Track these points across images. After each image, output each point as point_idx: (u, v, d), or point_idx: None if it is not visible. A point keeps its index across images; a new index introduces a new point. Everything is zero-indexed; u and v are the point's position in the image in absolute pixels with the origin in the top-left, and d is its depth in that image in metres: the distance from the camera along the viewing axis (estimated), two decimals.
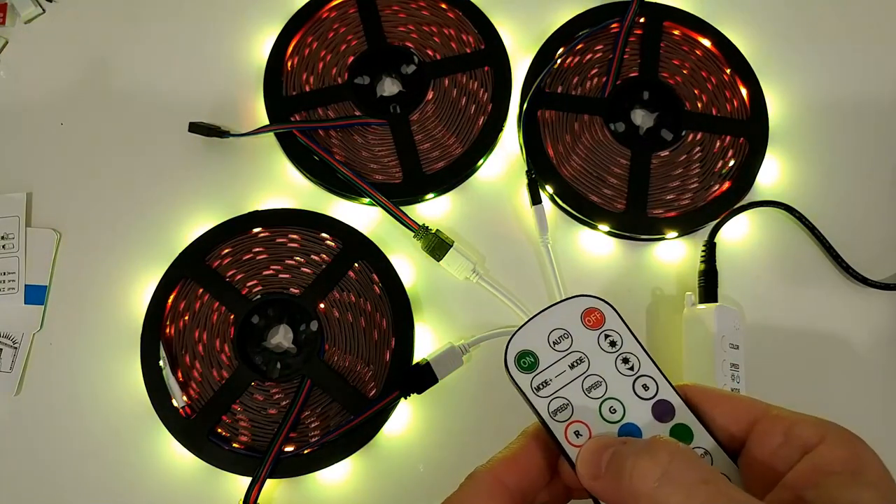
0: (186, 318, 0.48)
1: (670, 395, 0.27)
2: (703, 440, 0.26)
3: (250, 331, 0.48)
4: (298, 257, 0.49)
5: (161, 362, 0.46)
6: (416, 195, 0.51)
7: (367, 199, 0.51)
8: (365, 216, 0.51)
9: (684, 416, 0.26)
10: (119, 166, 0.53)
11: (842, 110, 0.54)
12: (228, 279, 0.48)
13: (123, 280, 0.50)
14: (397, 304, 0.47)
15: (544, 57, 0.53)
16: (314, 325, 0.48)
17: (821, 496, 0.22)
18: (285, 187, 0.52)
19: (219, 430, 0.46)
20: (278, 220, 0.50)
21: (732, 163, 0.51)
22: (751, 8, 0.56)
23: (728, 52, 0.53)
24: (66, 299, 0.50)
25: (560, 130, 0.52)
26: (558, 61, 0.53)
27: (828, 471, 0.22)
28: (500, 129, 0.52)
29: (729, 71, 0.53)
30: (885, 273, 0.50)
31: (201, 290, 0.48)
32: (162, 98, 0.54)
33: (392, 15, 0.54)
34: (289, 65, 0.53)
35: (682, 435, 0.26)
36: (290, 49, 0.54)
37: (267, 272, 0.48)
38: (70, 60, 0.55)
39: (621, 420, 0.27)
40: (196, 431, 0.45)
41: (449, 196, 0.52)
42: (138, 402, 0.46)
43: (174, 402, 0.46)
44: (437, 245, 0.48)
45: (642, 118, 0.54)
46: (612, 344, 0.28)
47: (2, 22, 0.56)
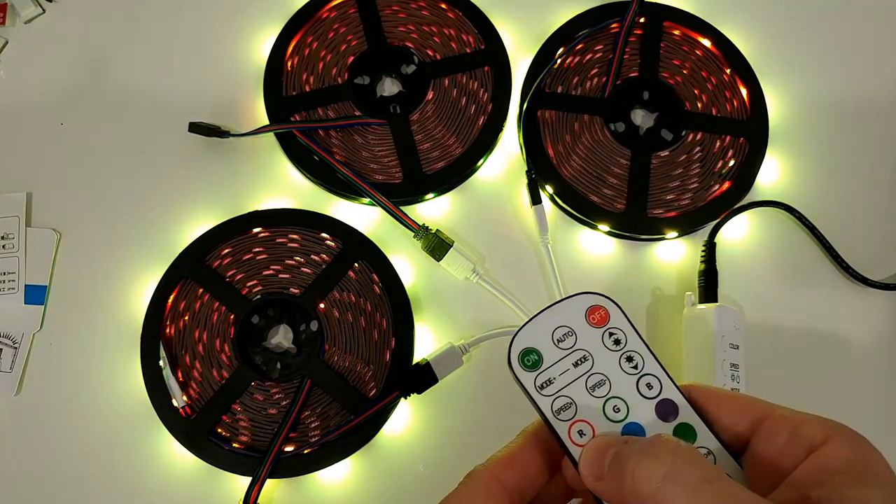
0: (186, 318, 0.48)
1: (674, 394, 0.27)
2: (706, 440, 0.26)
3: (250, 331, 0.48)
4: (298, 257, 0.49)
5: (161, 362, 0.46)
6: (416, 195, 0.51)
7: (367, 199, 0.51)
8: (365, 216, 0.51)
9: (688, 415, 0.26)
10: (119, 166, 0.53)
11: (842, 110, 0.54)
12: (228, 279, 0.48)
13: (123, 280, 0.50)
14: (397, 304, 0.47)
15: (544, 57, 0.53)
16: (314, 325, 0.48)
17: (827, 495, 0.22)
18: (285, 187, 0.52)
19: (219, 430, 0.46)
20: (278, 220, 0.50)
21: (732, 163, 0.51)
22: (751, 8, 0.56)
23: (728, 52, 0.53)
24: (66, 299, 0.50)
25: (560, 130, 0.52)
26: (558, 61, 0.53)
27: (834, 470, 0.22)
28: (500, 129, 0.52)
29: (729, 71, 0.53)
30: (885, 273, 0.50)
31: (201, 290, 0.48)
32: (162, 98, 0.54)
33: (392, 15, 0.54)
34: (289, 65, 0.53)
35: (685, 434, 0.26)
36: (290, 49, 0.54)
37: (267, 272, 0.49)
38: (70, 60, 0.55)
39: (625, 419, 0.26)
40: (196, 431, 0.45)
41: (449, 196, 0.52)
42: (138, 402, 0.46)
43: (174, 402, 0.46)
44: (437, 245, 0.48)
45: (642, 118, 0.54)
46: (617, 342, 0.28)
47: (2, 22, 0.56)
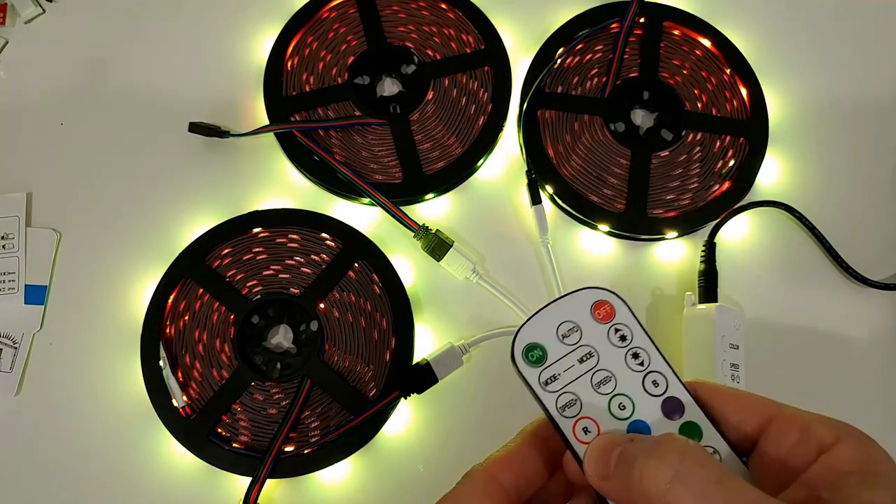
0: (186, 318, 0.48)
1: (680, 391, 0.26)
2: (712, 438, 0.26)
3: (250, 331, 0.48)
4: (298, 257, 0.49)
5: (161, 362, 0.46)
6: (416, 195, 0.51)
7: (367, 199, 0.51)
8: (365, 216, 0.51)
9: (694, 413, 0.26)
10: (119, 166, 0.53)
11: (842, 110, 0.54)
12: (228, 279, 0.48)
13: (123, 280, 0.50)
14: (397, 304, 0.47)
15: (544, 57, 0.53)
16: (314, 325, 0.48)
17: (837, 496, 0.22)
18: (285, 187, 0.52)
19: (219, 430, 0.46)
20: (278, 220, 0.50)
21: (732, 163, 0.51)
22: (751, 8, 0.56)
23: (728, 52, 0.53)
24: (66, 299, 0.50)
25: (560, 130, 0.52)
26: (558, 61, 0.53)
27: (844, 471, 0.22)
28: (500, 129, 0.52)
29: (729, 71, 0.53)
30: (885, 273, 0.50)
31: (201, 290, 0.48)
32: (162, 98, 0.54)
33: (392, 15, 0.54)
34: (289, 65, 0.53)
35: (691, 433, 0.26)
36: (290, 49, 0.54)
37: (267, 272, 0.48)
38: (70, 60, 0.55)
39: (630, 417, 0.26)
40: (196, 431, 0.45)
41: (449, 196, 0.52)
42: (138, 402, 0.46)
43: (174, 402, 0.46)
44: (437, 245, 0.48)
45: (642, 118, 0.54)
46: (623, 338, 0.27)
47: (2, 22, 0.56)
